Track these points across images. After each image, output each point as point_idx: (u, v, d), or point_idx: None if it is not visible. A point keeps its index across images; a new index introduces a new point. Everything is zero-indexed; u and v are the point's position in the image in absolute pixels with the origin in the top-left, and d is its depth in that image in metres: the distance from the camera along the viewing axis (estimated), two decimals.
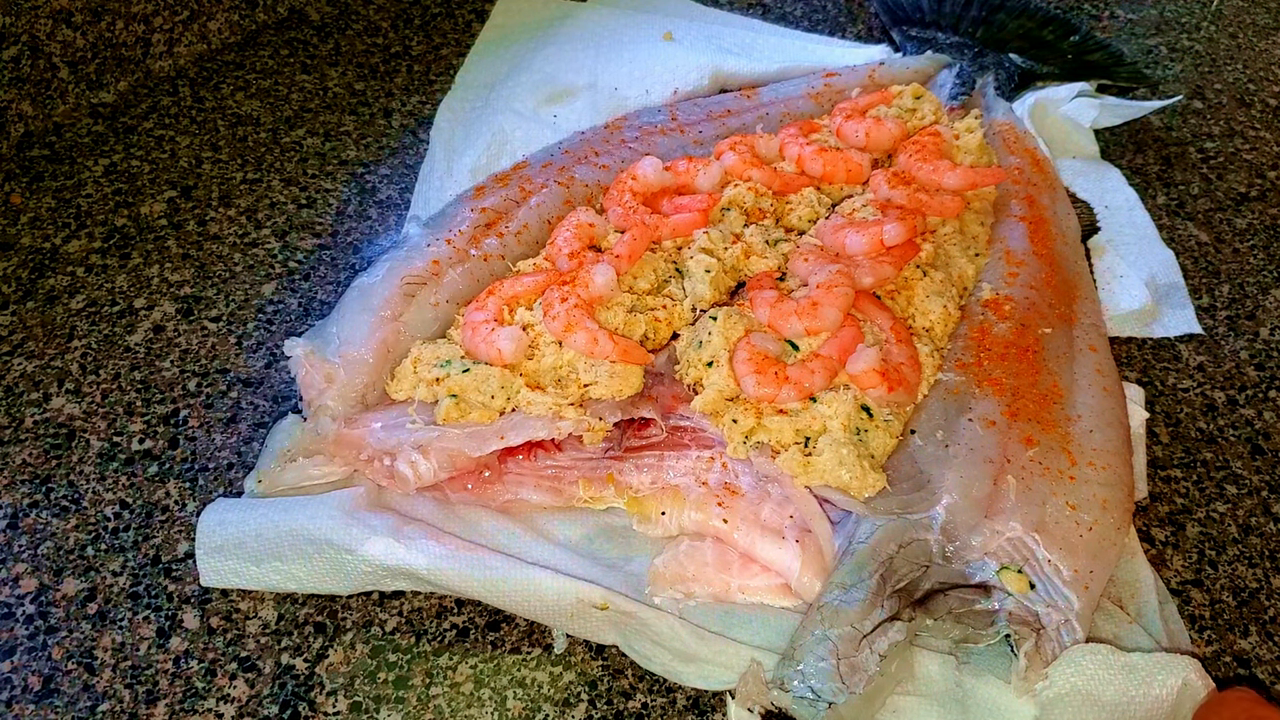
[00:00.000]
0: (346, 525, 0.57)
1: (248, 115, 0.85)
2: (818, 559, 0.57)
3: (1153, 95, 0.98)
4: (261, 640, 0.57)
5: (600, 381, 0.61)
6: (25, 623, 0.57)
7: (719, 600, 0.58)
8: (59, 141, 0.81)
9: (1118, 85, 0.98)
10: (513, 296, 0.66)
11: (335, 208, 0.79)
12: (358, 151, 0.84)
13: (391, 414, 0.62)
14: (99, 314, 0.71)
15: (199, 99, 0.86)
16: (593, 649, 0.58)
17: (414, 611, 0.59)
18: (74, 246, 0.74)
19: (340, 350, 0.63)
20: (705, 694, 0.56)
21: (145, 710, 0.54)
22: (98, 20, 0.81)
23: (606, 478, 0.61)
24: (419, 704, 0.55)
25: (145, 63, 0.86)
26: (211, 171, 0.80)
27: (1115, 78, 0.98)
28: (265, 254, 0.76)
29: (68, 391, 0.67)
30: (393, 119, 0.87)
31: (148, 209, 0.77)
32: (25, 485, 0.62)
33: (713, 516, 0.59)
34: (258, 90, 0.87)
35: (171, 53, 0.87)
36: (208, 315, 0.72)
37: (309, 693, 0.55)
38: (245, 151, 0.82)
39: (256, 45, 0.91)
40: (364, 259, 0.76)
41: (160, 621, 0.57)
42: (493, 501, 0.61)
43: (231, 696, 0.55)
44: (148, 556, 0.60)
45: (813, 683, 0.52)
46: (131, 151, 0.81)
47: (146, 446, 0.65)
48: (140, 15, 0.83)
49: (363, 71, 0.90)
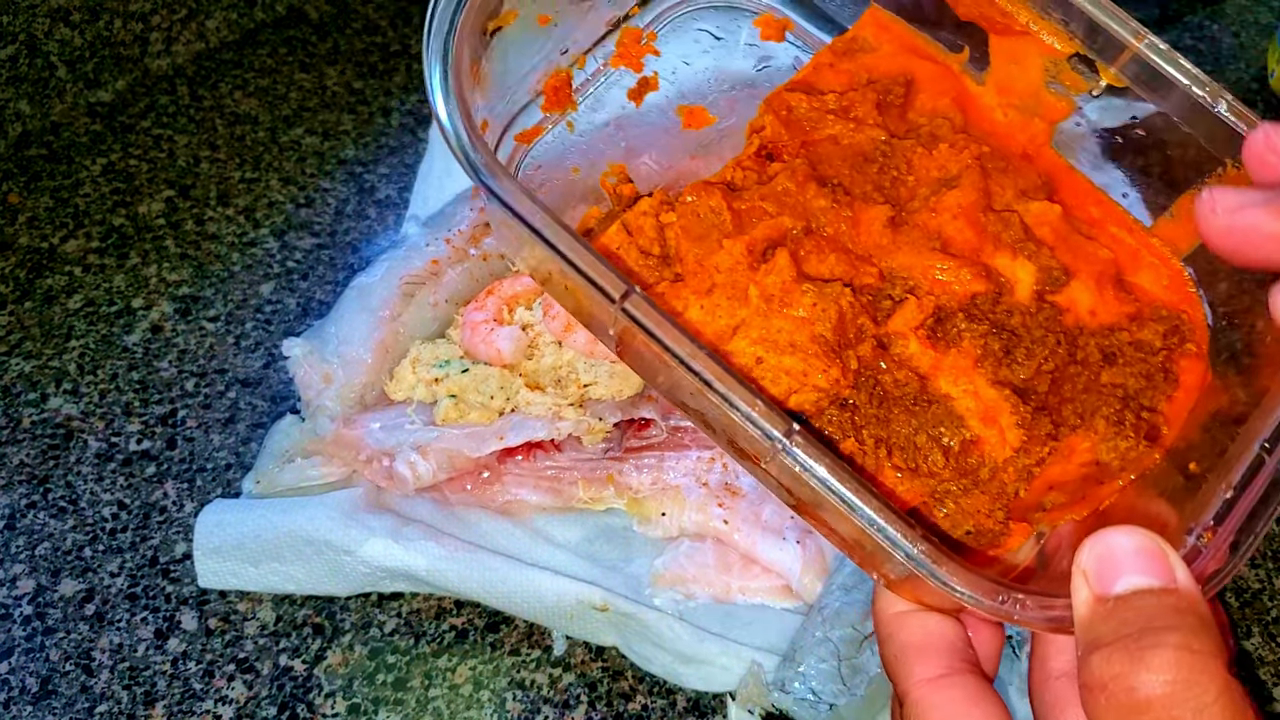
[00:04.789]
0: (345, 526, 0.57)
1: (246, 114, 0.85)
2: (819, 560, 0.57)
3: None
4: (260, 642, 0.57)
5: (600, 382, 0.61)
6: (23, 624, 0.57)
7: (719, 601, 0.57)
8: (56, 141, 0.81)
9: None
10: (512, 296, 0.65)
11: (334, 207, 0.79)
12: (356, 150, 0.83)
13: (390, 414, 0.61)
14: (97, 314, 0.71)
15: (197, 98, 0.86)
16: (592, 650, 0.58)
17: (413, 613, 0.59)
18: (71, 246, 0.74)
19: (338, 350, 0.63)
20: (706, 696, 0.56)
21: (143, 711, 0.54)
22: (95, 19, 0.81)
23: (606, 478, 0.61)
24: (418, 706, 0.55)
25: (143, 61, 0.86)
26: (209, 171, 0.80)
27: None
28: (263, 253, 0.75)
29: (65, 392, 0.66)
30: (391, 118, 0.86)
31: (145, 208, 0.77)
32: (23, 486, 0.62)
33: (713, 517, 0.59)
34: (256, 89, 0.87)
35: (169, 51, 0.87)
36: (206, 315, 0.71)
37: (307, 694, 0.55)
38: (243, 150, 0.82)
39: (255, 44, 0.91)
40: (362, 258, 0.76)
41: (158, 623, 0.57)
42: (492, 502, 0.61)
43: (230, 698, 0.55)
44: (145, 557, 0.60)
45: (814, 684, 0.52)
46: (129, 151, 0.81)
47: (144, 447, 0.64)
48: (138, 14, 0.83)
49: (361, 70, 0.90)
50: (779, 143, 0.46)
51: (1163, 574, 0.30)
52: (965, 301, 0.41)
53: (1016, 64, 0.46)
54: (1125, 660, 0.28)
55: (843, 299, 0.39)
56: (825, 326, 0.39)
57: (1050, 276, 0.43)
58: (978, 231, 0.43)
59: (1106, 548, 0.31)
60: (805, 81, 0.48)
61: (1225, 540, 0.34)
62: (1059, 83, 0.46)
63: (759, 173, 0.45)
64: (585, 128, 0.50)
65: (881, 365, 0.40)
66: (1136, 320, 0.43)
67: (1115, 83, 0.44)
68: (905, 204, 0.44)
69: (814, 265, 0.41)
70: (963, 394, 0.40)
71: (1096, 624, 0.30)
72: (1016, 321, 0.41)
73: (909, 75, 0.47)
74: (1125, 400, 0.40)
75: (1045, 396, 0.40)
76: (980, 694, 0.34)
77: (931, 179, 0.44)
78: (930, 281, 0.42)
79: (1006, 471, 0.39)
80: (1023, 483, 0.39)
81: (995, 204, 0.45)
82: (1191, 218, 0.44)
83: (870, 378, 0.40)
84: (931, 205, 0.43)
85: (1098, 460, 0.40)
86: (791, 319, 0.39)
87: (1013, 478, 0.39)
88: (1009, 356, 0.40)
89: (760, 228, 0.42)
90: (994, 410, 0.39)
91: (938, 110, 0.47)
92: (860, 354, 0.40)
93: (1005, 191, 0.45)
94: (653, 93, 0.51)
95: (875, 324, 0.40)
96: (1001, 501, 0.39)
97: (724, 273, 0.41)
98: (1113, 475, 0.40)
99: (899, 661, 0.36)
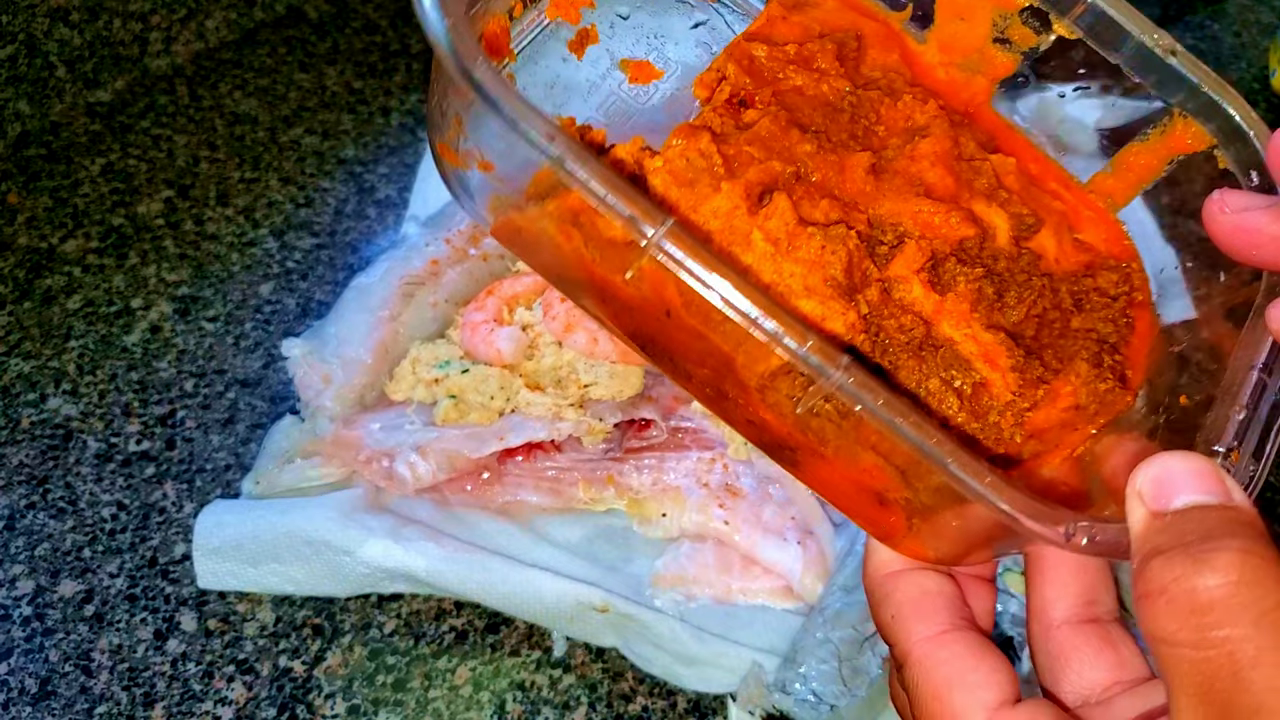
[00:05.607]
0: (344, 527, 0.56)
1: (245, 114, 0.85)
2: (820, 561, 0.57)
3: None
4: (259, 643, 0.57)
5: (600, 382, 0.61)
6: (22, 624, 0.56)
7: (720, 602, 0.57)
8: (55, 140, 0.80)
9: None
10: (512, 296, 0.65)
11: (333, 207, 0.79)
12: (356, 150, 0.83)
13: (390, 415, 0.61)
14: (96, 314, 0.71)
15: (196, 98, 0.85)
16: (592, 651, 0.57)
17: (412, 614, 0.58)
18: (71, 246, 0.74)
19: (338, 351, 0.63)
20: (706, 697, 0.56)
21: (143, 713, 0.54)
22: (95, 18, 0.80)
23: (606, 479, 0.61)
24: (417, 707, 0.55)
25: (142, 61, 0.85)
26: (209, 170, 0.80)
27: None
28: (263, 253, 0.75)
29: (64, 392, 0.66)
30: (391, 117, 0.86)
31: (145, 208, 0.77)
32: (22, 486, 0.62)
33: (714, 518, 0.59)
34: (255, 89, 0.87)
35: (169, 51, 0.87)
36: (205, 315, 0.71)
37: (307, 695, 0.55)
38: (243, 150, 0.82)
39: (254, 43, 0.91)
40: (362, 259, 0.76)
41: (157, 623, 0.57)
42: (492, 503, 0.61)
43: (229, 699, 0.54)
44: (145, 558, 0.60)
45: (815, 685, 0.51)
46: (129, 150, 0.80)
47: (144, 447, 0.64)
48: (138, 13, 0.83)
49: (361, 70, 0.90)
50: (750, 91, 0.44)
51: (1220, 492, 0.30)
52: (955, 246, 0.41)
53: (963, 20, 0.46)
54: (1187, 562, 0.28)
55: (849, 240, 0.38)
56: (837, 269, 0.38)
57: (1023, 224, 0.43)
58: (956, 178, 0.43)
59: (1162, 469, 0.31)
60: (760, 33, 0.47)
61: (1248, 454, 0.35)
62: (1006, 38, 0.46)
63: (735, 120, 0.43)
64: (525, 81, 0.47)
65: (885, 311, 0.39)
66: (1090, 270, 0.44)
67: (1067, 34, 0.44)
68: (880, 152, 0.44)
69: (807, 210, 0.40)
70: (964, 338, 0.39)
71: (1153, 536, 0.30)
72: (1002, 266, 0.41)
73: (858, 30, 0.47)
74: (1100, 344, 0.41)
75: (1030, 341, 0.40)
76: (982, 648, 0.34)
77: (900, 129, 0.44)
78: (921, 226, 0.41)
79: (1005, 416, 0.39)
80: (1019, 428, 0.39)
81: (963, 155, 0.44)
82: (1132, 170, 0.46)
83: (875, 325, 0.39)
84: (908, 153, 0.43)
85: (1077, 405, 0.40)
86: (802, 262, 0.38)
87: (1009, 423, 0.39)
88: (1000, 300, 0.40)
89: (753, 171, 0.40)
90: (993, 354, 0.39)
91: (888, 65, 0.46)
92: (869, 298, 0.39)
93: (968, 144, 0.45)
94: (593, 45, 0.48)
95: (877, 269, 0.40)
96: (1001, 448, 0.38)
97: (721, 218, 0.39)
98: (1086, 420, 0.40)
99: (898, 621, 0.36)
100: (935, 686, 0.34)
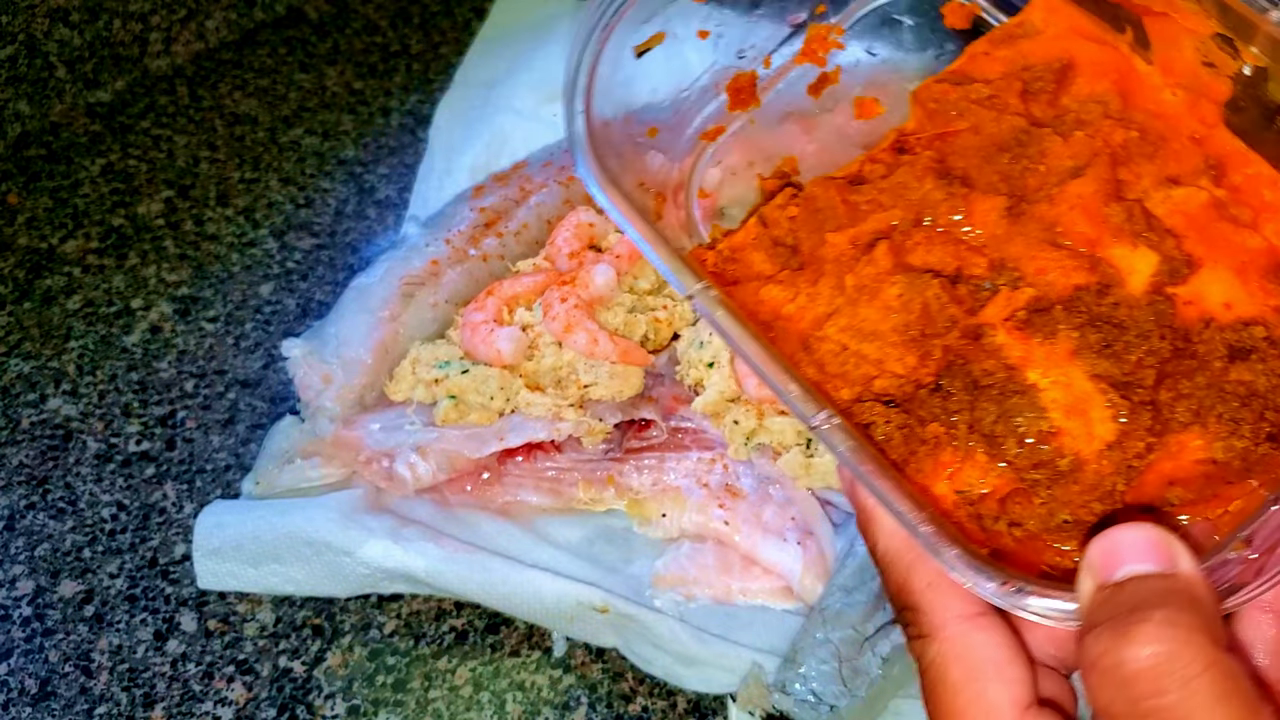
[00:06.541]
0: (344, 527, 0.56)
1: (245, 114, 0.85)
2: (820, 561, 0.57)
3: None
4: (259, 643, 0.57)
5: (600, 382, 0.61)
6: (22, 625, 0.56)
7: (720, 603, 0.57)
8: (56, 141, 0.81)
9: None
10: (512, 297, 0.65)
11: (333, 207, 0.79)
12: (356, 151, 0.83)
13: (390, 415, 0.61)
14: (96, 314, 0.71)
15: (196, 98, 0.85)
16: (593, 652, 0.57)
17: (412, 614, 0.58)
18: (71, 246, 0.74)
19: (338, 351, 0.63)
20: (706, 697, 0.56)
21: (142, 713, 0.54)
22: (95, 19, 0.80)
23: (606, 479, 0.61)
24: (417, 707, 0.55)
25: (142, 61, 0.85)
26: (209, 171, 0.80)
27: None
28: (263, 254, 0.75)
29: (64, 392, 0.66)
30: (391, 118, 0.86)
31: (145, 209, 0.77)
32: (22, 487, 0.62)
33: (714, 518, 0.59)
34: (255, 89, 0.87)
35: (169, 51, 0.87)
36: (205, 316, 0.71)
37: (307, 696, 0.55)
38: (243, 151, 0.82)
39: (254, 44, 0.91)
40: (362, 259, 0.76)
41: (157, 624, 0.57)
42: (492, 503, 0.61)
43: (229, 699, 0.55)
44: (145, 559, 0.60)
45: (814, 686, 0.51)
46: (129, 151, 0.81)
47: (144, 448, 0.64)
48: (138, 14, 0.83)
49: (361, 70, 0.90)
50: (914, 135, 0.47)
51: (1162, 561, 0.31)
52: (1068, 293, 0.42)
53: (1171, 44, 0.46)
54: (1112, 636, 0.29)
55: (928, 290, 0.41)
56: (909, 316, 0.41)
57: (1172, 267, 0.42)
58: (1095, 223, 0.43)
59: (1111, 541, 0.31)
60: (960, 71, 0.49)
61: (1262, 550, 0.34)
62: (1211, 62, 0.45)
63: (889, 166, 0.46)
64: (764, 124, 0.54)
65: (969, 355, 0.41)
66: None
67: (1257, 61, 0.43)
68: (1031, 194, 0.45)
69: (921, 256, 0.43)
70: (1051, 385, 0.40)
71: (1095, 609, 0.31)
72: (1123, 314, 0.41)
73: (1067, 59, 0.47)
74: (1247, 399, 0.39)
75: (1152, 391, 0.40)
76: (1016, 644, 0.34)
77: (1063, 168, 0.45)
78: (1036, 272, 0.42)
79: (1101, 464, 0.39)
80: (1120, 476, 0.39)
81: (1129, 192, 0.44)
82: None
83: (963, 366, 0.41)
84: (1052, 196, 0.44)
85: (1213, 459, 0.39)
86: (878, 309, 0.41)
87: (1109, 470, 0.39)
88: (1108, 349, 0.40)
89: (869, 220, 0.44)
90: (1085, 403, 0.39)
91: (1094, 94, 0.47)
92: (947, 343, 0.41)
93: (1142, 179, 0.45)
94: (832, 85, 0.53)
95: (968, 314, 0.42)
96: (1098, 494, 0.39)
97: (830, 262, 0.44)
98: (1240, 476, 0.39)
99: (934, 589, 0.35)
100: (970, 668, 0.34)
